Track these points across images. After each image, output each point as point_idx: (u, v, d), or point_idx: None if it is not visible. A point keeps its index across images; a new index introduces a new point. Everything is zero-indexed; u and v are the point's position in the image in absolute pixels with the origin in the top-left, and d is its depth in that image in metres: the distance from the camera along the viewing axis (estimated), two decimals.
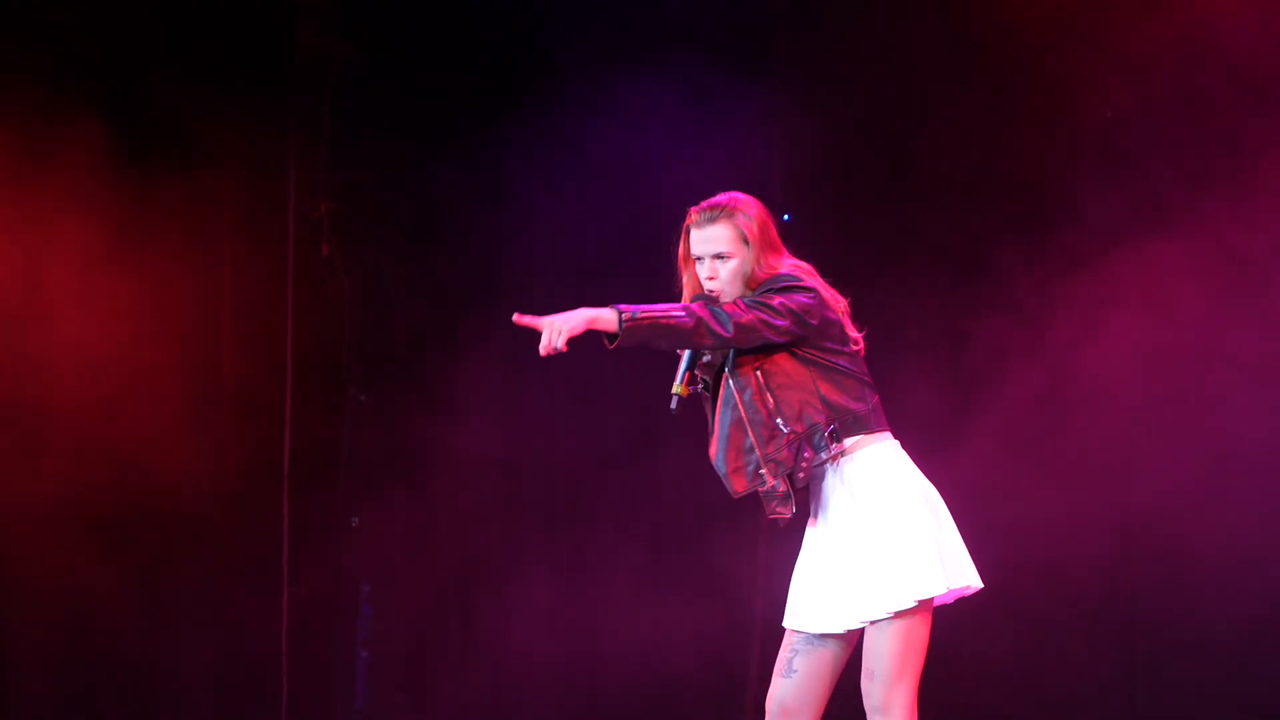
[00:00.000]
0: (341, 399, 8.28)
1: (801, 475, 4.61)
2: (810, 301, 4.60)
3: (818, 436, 4.61)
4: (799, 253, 4.77)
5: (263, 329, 8.11)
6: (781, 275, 4.64)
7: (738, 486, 4.66)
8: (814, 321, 4.61)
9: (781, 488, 4.61)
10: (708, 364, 4.73)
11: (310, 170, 8.18)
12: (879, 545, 4.57)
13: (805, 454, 4.60)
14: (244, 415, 8.06)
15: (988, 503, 7.13)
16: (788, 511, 4.64)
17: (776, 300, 4.58)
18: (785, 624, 4.75)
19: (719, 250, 4.66)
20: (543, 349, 4.43)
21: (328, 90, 8.16)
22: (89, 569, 7.67)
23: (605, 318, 4.45)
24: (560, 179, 8.07)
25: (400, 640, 8.25)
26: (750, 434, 4.62)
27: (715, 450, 4.70)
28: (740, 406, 4.63)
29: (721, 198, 4.72)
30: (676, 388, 4.60)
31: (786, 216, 7.86)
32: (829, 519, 4.66)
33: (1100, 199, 7.43)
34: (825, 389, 4.63)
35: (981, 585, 4.66)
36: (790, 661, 4.70)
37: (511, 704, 8.12)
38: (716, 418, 4.70)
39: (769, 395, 4.62)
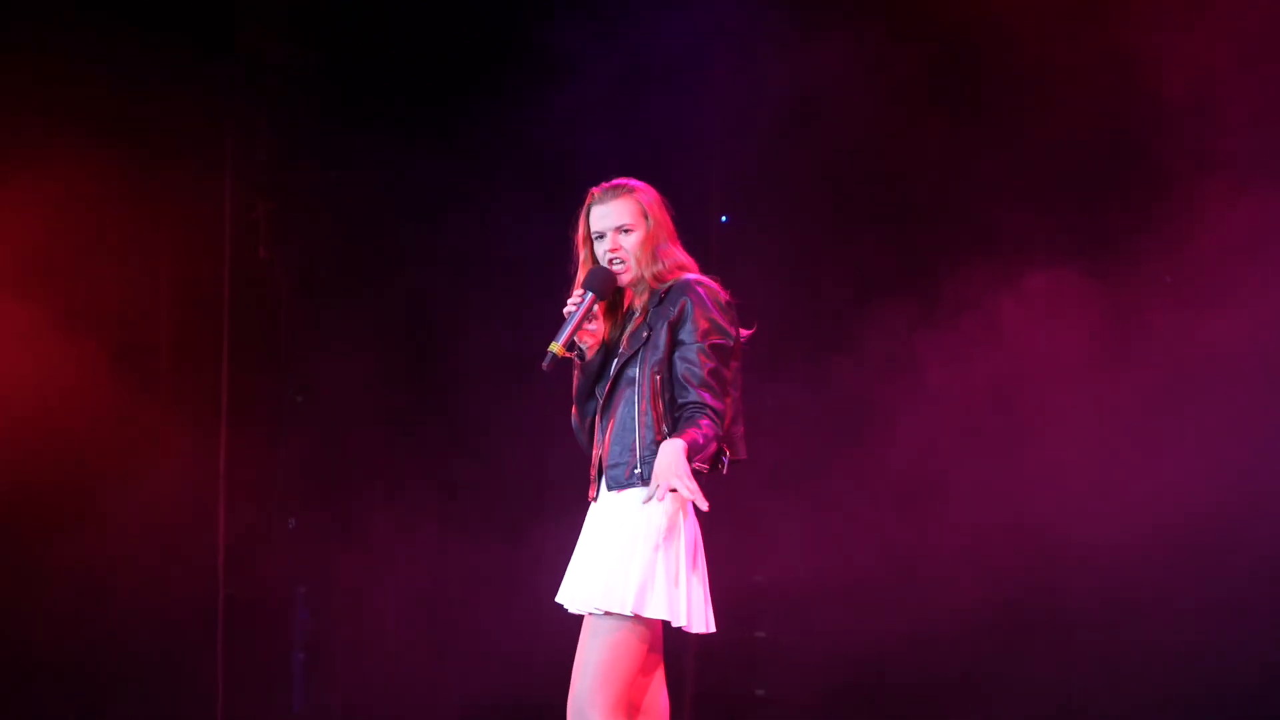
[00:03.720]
0: (278, 401, 8.27)
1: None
2: (732, 346, 4.65)
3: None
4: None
5: (199, 330, 8.09)
6: (714, 321, 4.62)
7: (611, 482, 4.64)
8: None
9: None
10: (597, 364, 4.74)
11: (248, 171, 8.16)
12: (637, 550, 4.55)
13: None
14: (180, 417, 8.03)
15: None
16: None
17: (724, 373, 4.61)
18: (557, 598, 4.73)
19: (622, 223, 4.71)
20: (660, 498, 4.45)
21: (266, 90, 8.14)
22: (22, 567, 7.64)
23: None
24: (501, 178, 8.07)
25: (337, 642, 8.24)
26: (637, 434, 4.61)
27: (607, 443, 4.66)
28: (636, 404, 4.62)
29: (623, 179, 4.80)
30: (554, 347, 4.59)
31: (724, 218, 7.90)
32: (615, 507, 4.62)
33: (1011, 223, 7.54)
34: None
35: (714, 629, 4.62)
36: None
37: (449, 704, 8.12)
38: (614, 413, 4.66)
39: (660, 402, 4.61)
